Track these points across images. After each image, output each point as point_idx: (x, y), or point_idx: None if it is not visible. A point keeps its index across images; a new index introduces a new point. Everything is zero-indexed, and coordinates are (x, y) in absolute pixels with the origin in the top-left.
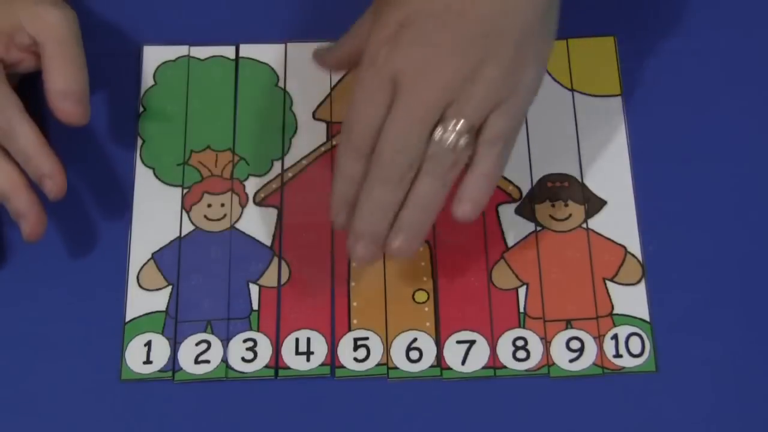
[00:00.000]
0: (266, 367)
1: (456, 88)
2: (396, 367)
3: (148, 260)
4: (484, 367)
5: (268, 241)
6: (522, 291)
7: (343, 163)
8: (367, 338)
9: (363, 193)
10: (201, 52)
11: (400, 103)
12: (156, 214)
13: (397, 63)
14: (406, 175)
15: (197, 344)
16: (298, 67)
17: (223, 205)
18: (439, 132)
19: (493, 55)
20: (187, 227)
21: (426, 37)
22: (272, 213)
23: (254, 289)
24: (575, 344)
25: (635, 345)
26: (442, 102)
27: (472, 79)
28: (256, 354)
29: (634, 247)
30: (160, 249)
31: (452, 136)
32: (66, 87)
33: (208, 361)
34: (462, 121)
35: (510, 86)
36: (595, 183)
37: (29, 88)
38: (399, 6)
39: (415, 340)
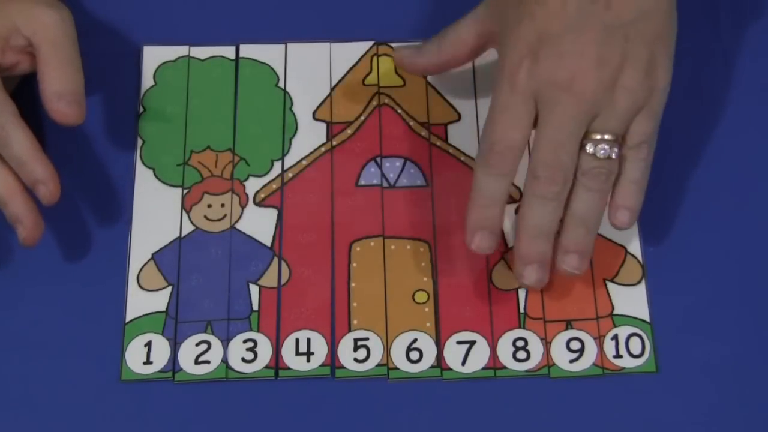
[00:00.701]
0: (266, 367)
1: (600, 98)
2: (396, 368)
3: (148, 260)
4: (484, 368)
5: (268, 242)
6: (522, 291)
7: (484, 183)
8: (367, 339)
9: (523, 216)
10: (201, 52)
11: (548, 120)
12: (156, 214)
13: (539, 79)
14: (563, 191)
15: (197, 345)
16: (298, 67)
17: (223, 205)
18: (590, 146)
19: (631, 61)
20: (187, 227)
21: (567, 51)
22: (272, 213)
23: (254, 290)
24: (575, 345)
25: (635, 345)
26: (589, 114)
27: (613, 87)
28: (256, 354)
29: (635, 247)
30: (160, 249)
31: (605, 148)
32: (61, 88)
33: (208, 362)
34: (611, 131)
35: (648, 89)
36: None
37: (28, 89)
38: (533, 20)
39: (415, 340)
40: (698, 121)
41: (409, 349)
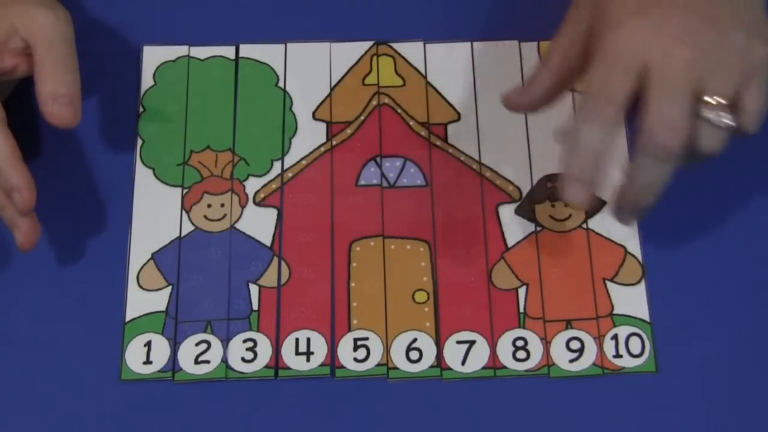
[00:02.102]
0: (266, 367)
1: (712, 56)
2: (396, 368)
3: (148, 260)
4: (484, 368)
5: (268, 241)
6: (522, 291)
7: (586, 133)
8: (367, 338)
9: (634, 172)
10: (201, 52)
11: (661, 75)
12: (156, 214)
13: (650, 31)
14: (677, 152)
15: (197, 344)
16: (298, 67)
17: (223, 205)
18: (712, 114)
19: (739, 22)
20: (187, 227)
21: (678, 5)
22: (272, 213)
23: (254, 289)
24: (575, 344)
25: (635, 345)
26: (702, 71)
27: (724, 45)
28: (256, 354)
29: (634, 247)
30: (160, 249)
31: (727, 117)
32: (54, 89)
33: (208, 362)
34: (725, 94)
35: (758, 56)
36: None
37: (28, 87)
38: None
39: (415, 340)
40: None
41: (408, 349)
